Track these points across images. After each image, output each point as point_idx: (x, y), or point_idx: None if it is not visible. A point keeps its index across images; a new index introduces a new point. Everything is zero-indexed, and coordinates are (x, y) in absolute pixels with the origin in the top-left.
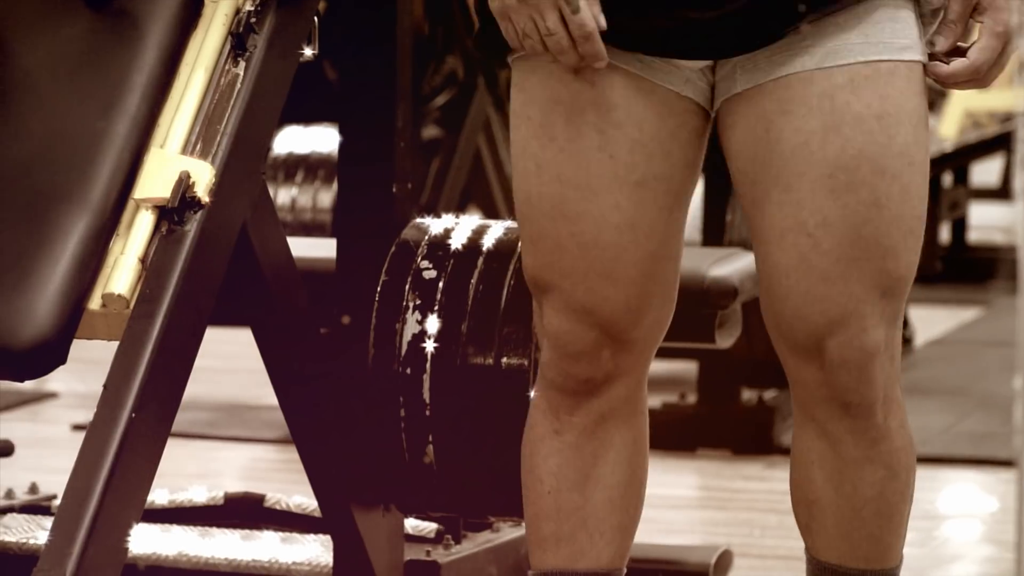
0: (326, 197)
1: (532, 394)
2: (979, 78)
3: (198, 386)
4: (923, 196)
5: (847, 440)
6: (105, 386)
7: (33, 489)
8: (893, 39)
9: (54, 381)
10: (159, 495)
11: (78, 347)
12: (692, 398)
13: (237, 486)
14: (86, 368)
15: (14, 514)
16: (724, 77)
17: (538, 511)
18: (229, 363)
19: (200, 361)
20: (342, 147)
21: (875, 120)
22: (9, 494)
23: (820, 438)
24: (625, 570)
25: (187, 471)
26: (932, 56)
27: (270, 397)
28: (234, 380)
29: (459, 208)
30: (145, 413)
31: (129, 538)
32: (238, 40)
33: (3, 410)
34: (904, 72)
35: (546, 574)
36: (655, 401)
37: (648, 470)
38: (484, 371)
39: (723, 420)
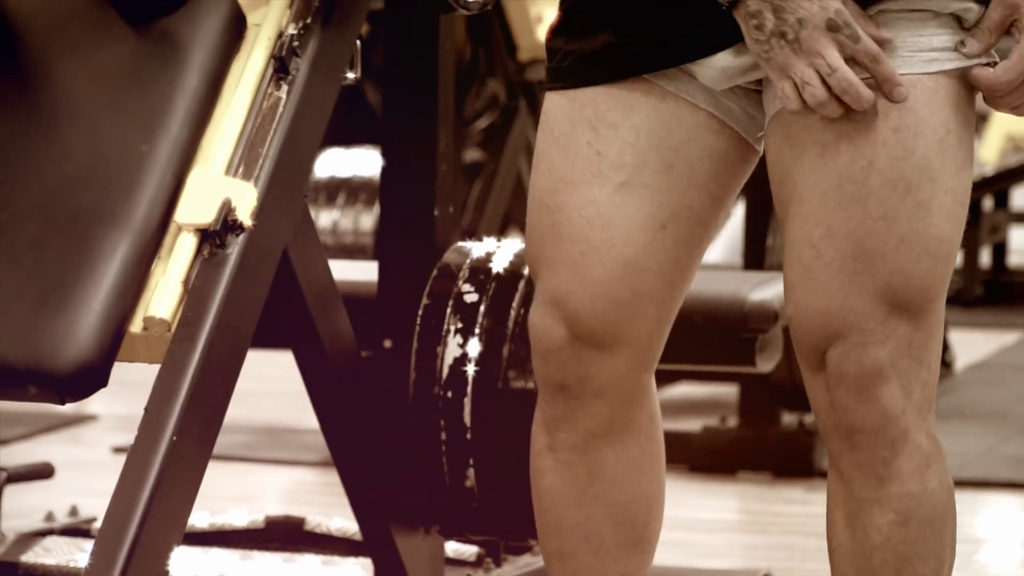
0: (368, 220)
1: None
2: (1014, 102)
3: (239, 409)
4: (948, 215)
5: (856, 478)
6: (146, 409)
7: (73, 512)
8: (917, 52)
9: (94, 403)
10: (200, 518)
11: (118, 369)
12: (733, 421)
13: (278, 509)
14: (126, 390)
15: (55, 536)
16: (767, 102)
17: (541, 527)
18: (270, 386)
19: (242, 384)
20: (384, 170)
21: (891, 132)
22: (49, 516)
23: (837, 478)
24: None
25: (228, 494)
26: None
27: (311, 420)
28: (276, 403)
29: (501, 231)
30: (186, 436)
31: (170, 562)
32: (281, 63)
33: (44, 432)
34: (929, 85)
35: None
36: (695, 424)
37: (659, 489)
38: (525, 395)
39: (764, 443)
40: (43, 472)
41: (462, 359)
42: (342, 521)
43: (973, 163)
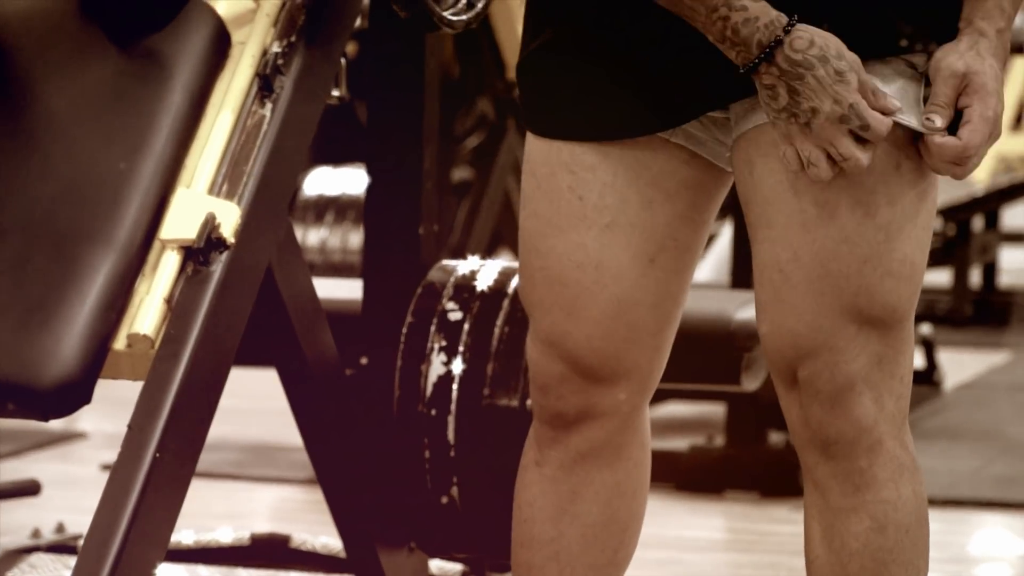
0: (356, 238)
1: None
2: (962, 163)
3: (226, 426)
4: (910, 238)
5: (832, 487)
6: (129, 426)
7: (60, 529)
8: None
9: (83, 421)
10: (185, 535)
11: (108, 387)
12: (720, 440)
13: (265, 526)
14: (116, 408)
15: (40, 553)
16: (734, 124)
17: (516, 537)
18: (258, 403)
19: (229, 401)
20: (369, 188)
21: None
22: (36, 533)
23: (813, 490)
24: None
25: (215, 511)
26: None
27: (298, 438)
28: (263, 421)
29: (489, 250)
30: (169, 453)
31: None
32: (265, 81)
33: (32, 450)
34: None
35: None
36: (682, 443)
37: (637, 515)
38: (509, 413)
39: (751, 462)
40: (29, 489)
41: (446, 377)
42: (327, 539)
43: (934, 190)
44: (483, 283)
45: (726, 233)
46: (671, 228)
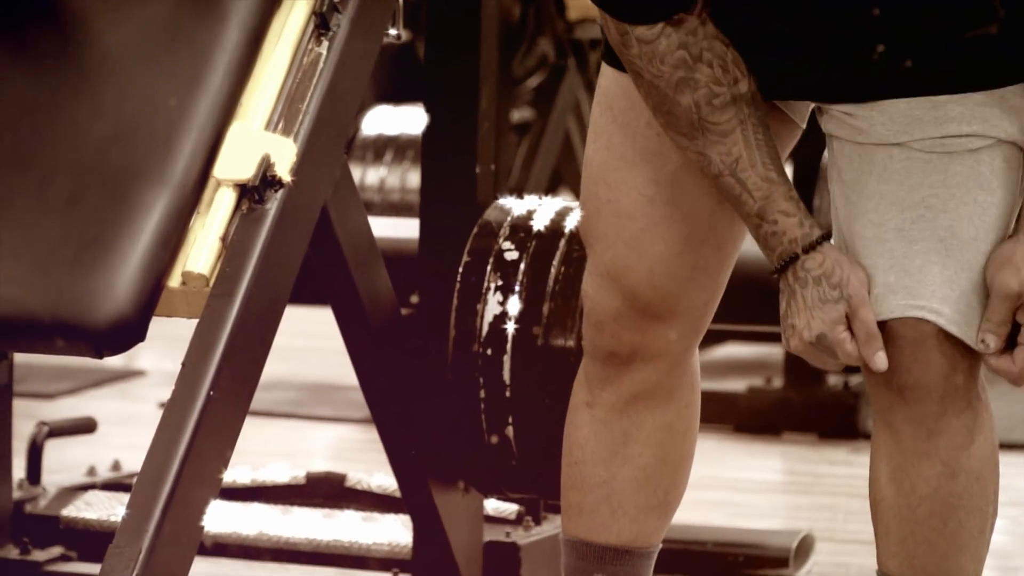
0: (415, 177)
1: None
2: (1019, 382)
3: (286, 365)
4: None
5: (905, 431)
6: (184, 364)
7: (116, 466)
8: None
9: (142, 359)
10: (241, 473)
11: (166, 325)
12: (778, 382)
13: (322, 465)
14: (174, 346)
15: (96, 491)
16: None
17: (566, 479)
18: (317, 343)
19: (288, 340)
20: (427, 128)
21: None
22: (91, 471)
23: (884, 430)
24: (655, 549)
25: (272, 450)
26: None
27: (356, 377)
28: (322, 360)
29: (549, 189)
30: (223, 391)
31: (205, 515)
32: (321, 19)
33: (90, 387)
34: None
35: (568, 541)
36: (740, 385)
37: (688, 455)
38: (564, 352)
39: (809, 404)
40: (85, 427)
41: (502, 317)
42: (383, 478)
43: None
44: (540, 223)
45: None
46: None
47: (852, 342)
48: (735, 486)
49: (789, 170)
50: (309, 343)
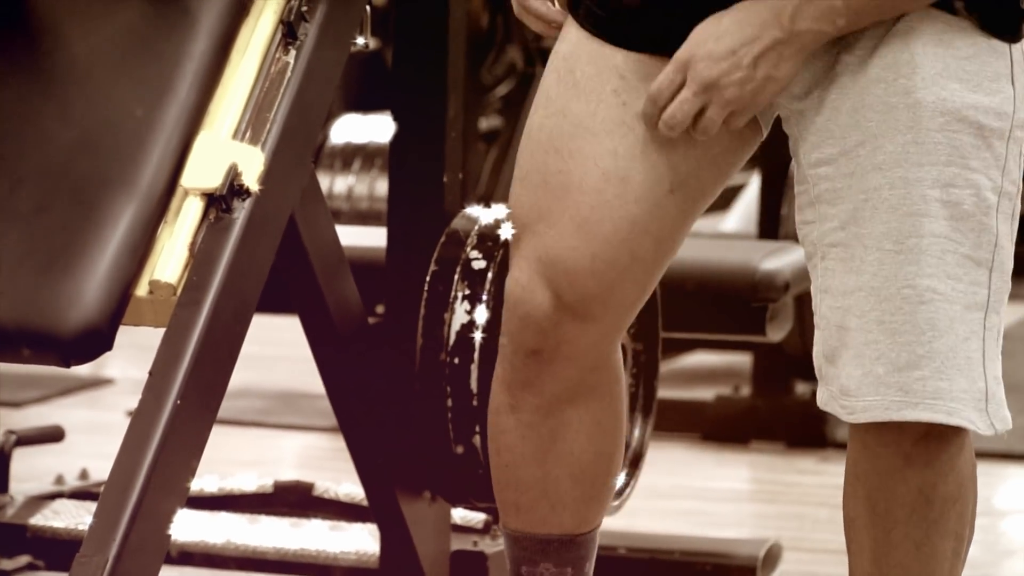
0: (383, 186)
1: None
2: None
3: (253, 373)
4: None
5: (882, 454)
6: (151, 373)
7: (84, 475)
8: None
9: (110, 367)
10: (209, 482)
11: (135, 333)
12: (746, 391)
13: (290, 474)
14: (143, 354)
15: (64, 499)
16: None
17: (498, 480)
18: (285, 351)
19: (256, 348)
20: (394, 136)
21: None
22: (59, 480)
23: (861, 449)
24: (598, 528)
25: (241, 458)
26: None
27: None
28: (290, 368)
29: None
30: (190, 400)
31: (172, 524)
32: (289, 28)
33: (59, 396)
34: None
35: (510, 534)
36: (708, 393)
37: (620, 444)
38: None
39: (777, 413)
40: (53, 435)
41: (469, 326)
42: (351, 487)
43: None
44: (507, 231)
45: (754, 184)
46: (699, 165)
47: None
48: (703, 495)
49: (756, 177)
50: (277, 351)
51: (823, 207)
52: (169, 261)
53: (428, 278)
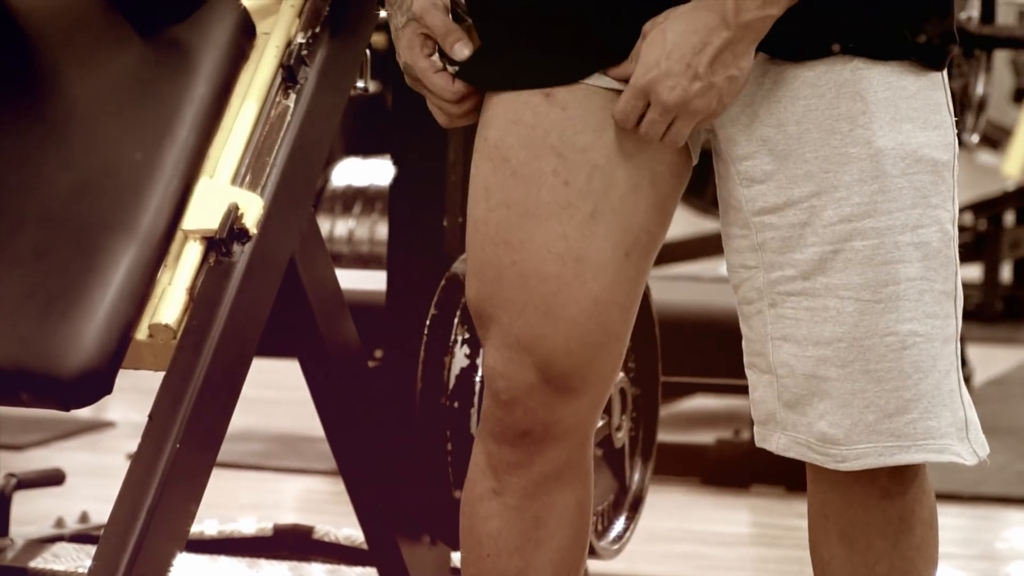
0: (383, 230)
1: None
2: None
3: (253, 417)
4: None
5: (856, 489)
6: (150, 417)
7: (84, 518)
8: None
9: (111, 410)
10: (209, 525)
11: (136, 377)
12: (747, 434)
13: (290, 517)
14: (144, 398)
15: (64, 543)
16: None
17: (477, 573)
18: (285, 394)
19: (256, 392)
20: (394, 180)
21: None
22: (59, 523)
23: (830, 489)
24: None
25: (241, 502)
26: None
27: None
28: (290, 411)
29: None
30: (190, 444)
31: (172, 568)
32: (289, 72)
33: (59, 439)
34: None
35: None
36: (708, 437)
37: (589, 529)
38: None
39: (777, 457)
40: (54, 478)
41: (469, 369)
42: (350, 530)
43: None
44: None
45: None
46: (647, 218)
47: (434, 70)
48: (703, 539)
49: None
50: (277, 395)
51: (768, 255)
52: (169, 304)
53: (428, 322)
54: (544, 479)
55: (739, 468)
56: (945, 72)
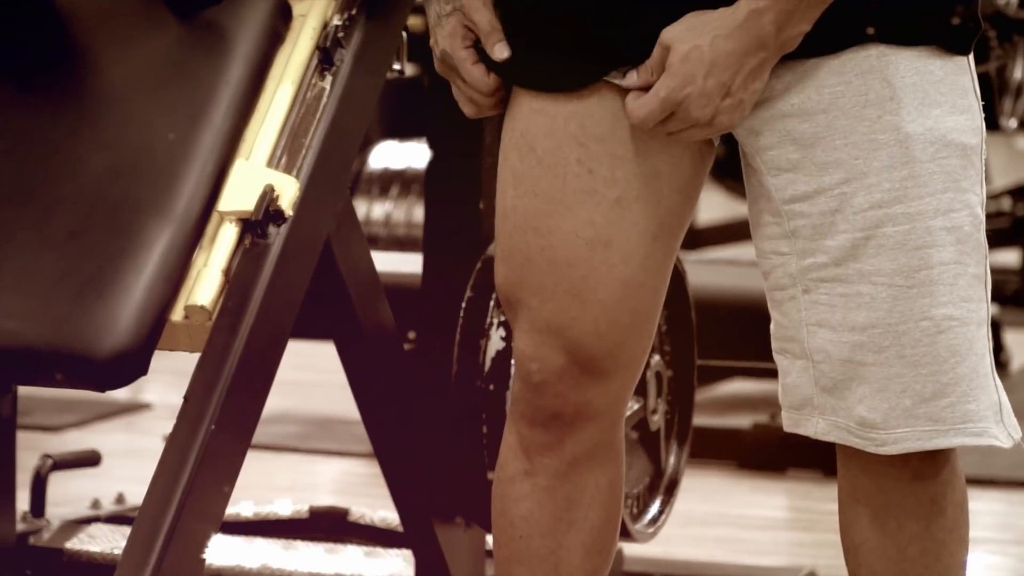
0: (420, 212)
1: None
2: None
3: (291, 399)
4: None
5: (888, 472)
6: (185, 398)
7: (120, 499)
8: None
9: (149, 392)
10: (245, 507)
11: (173, 359)
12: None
13: (327, 499)
14: (181, 379)
15: (99, 524)
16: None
17: (510, 555)
18: (323, 377)
19: (293, 374)
20: (430, 163)
21: None
22: (95, 504)
23: (861, 473)
24: None
25: (277, 484)
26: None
27: None
28: (328, 394)
29: None
30: (225, 425)
31: (207, 550)
32: (325, 54)
33: (97, 420)
34: None
35: None
36: (745, 421)
37: (621, 511)
38: None
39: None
40: (89, 460)
41: (505, 352)
42: (386, 513)
43: None
44: None
45: None
46: (672, 202)
47: (472, 61)
48: (739, 523)
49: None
50: (315, 377)
51: (801, 242)
52: (204, 286)
53: (464, 304)
54: (576, 460)
55: (775, 452)
56: (971, 56)
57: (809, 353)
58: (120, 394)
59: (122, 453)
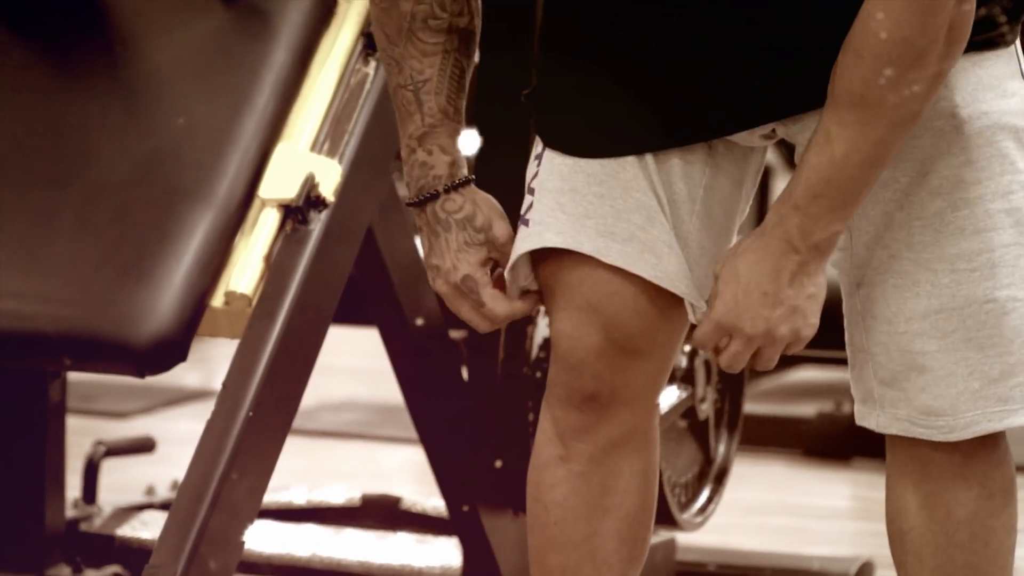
0: None
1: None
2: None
3: (356, 386)
4: None
5: (937, 457)
6: (224, 384)
7: (175, 486)
8: None
9: (218, 379)
10: (297, 494)
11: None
12: (848, 408)
13: (387, 486)
14: None
15: (152, 510)
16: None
17: (544, 541)
18: (387, 363)
19: (358, 361)
20: (479, 151)
21: None
22: (149, 490)
23: (909, 460)
24: None
25: (339, 470)
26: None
27: None
28: (392, 381)
29: None
30: (263, 412)
31: (244, 534)
32: (369, 39)
33: (165, 407)
34: None
35: None
36: (810, 409)
37: (656, 498)
38: None
39: None
40: (143, 446)
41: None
42: (438, 500)
43: None
44: None
45: None
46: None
47: (491, 286)
48: (801, 512)
49: None
50: (378, 364)
51: (857, 235)
52: (245, 272)
53: None
54: (611, 444)
55: (840, 441)
56: (1018, 43)
57: (867, 346)
58: (189, 381)
59: (187, 440)
